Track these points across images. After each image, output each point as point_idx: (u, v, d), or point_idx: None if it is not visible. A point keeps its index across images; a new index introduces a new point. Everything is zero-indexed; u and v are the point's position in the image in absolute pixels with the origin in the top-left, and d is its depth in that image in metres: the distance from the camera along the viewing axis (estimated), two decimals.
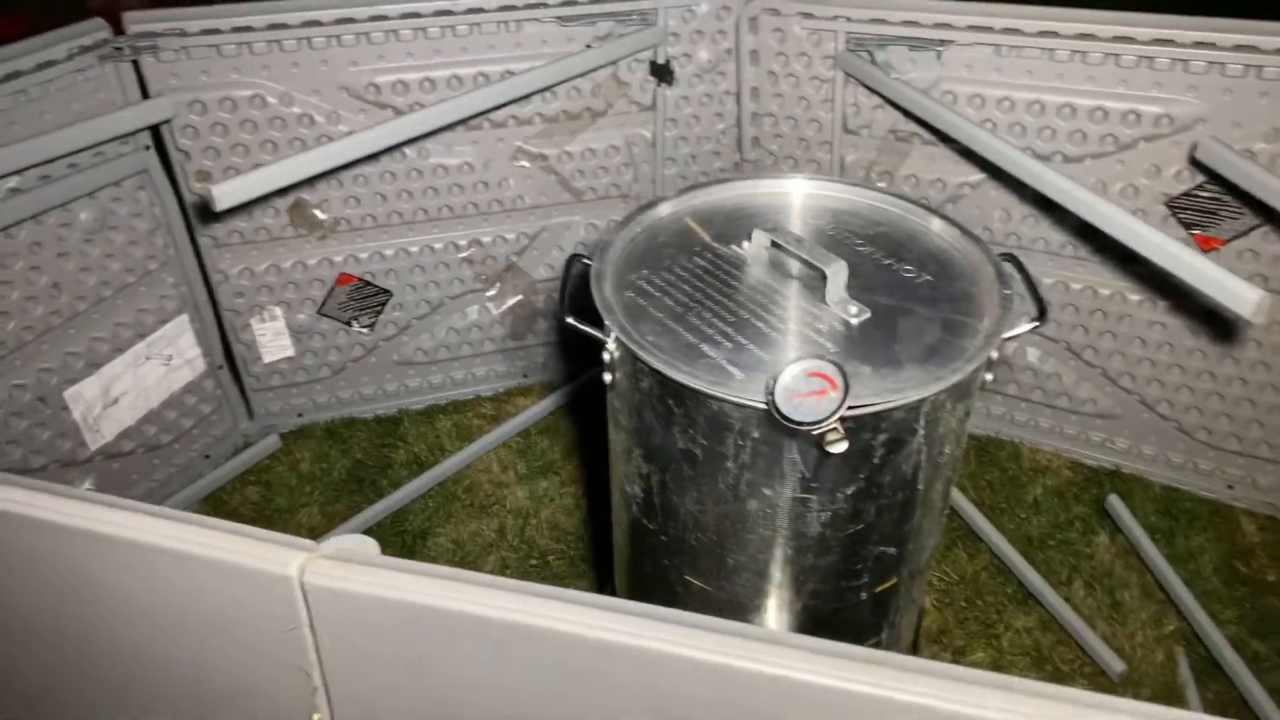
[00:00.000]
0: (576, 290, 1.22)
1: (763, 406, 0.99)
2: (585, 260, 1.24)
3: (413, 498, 2.23)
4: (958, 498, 2.19)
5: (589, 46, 2.17)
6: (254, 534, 0.77)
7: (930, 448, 1.09)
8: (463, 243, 2.35)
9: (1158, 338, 2.10)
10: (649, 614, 0.77)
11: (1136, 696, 1.79)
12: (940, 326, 1.13)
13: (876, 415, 1.03)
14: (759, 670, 0.75)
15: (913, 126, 2.14)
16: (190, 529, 0.76)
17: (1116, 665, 1.81)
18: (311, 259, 2.25)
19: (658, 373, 1.07)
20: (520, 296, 2.44)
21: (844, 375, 0.96)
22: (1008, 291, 1.14)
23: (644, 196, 2.38)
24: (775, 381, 0.96)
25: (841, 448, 0.98)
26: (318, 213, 2.19)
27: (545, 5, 2.11)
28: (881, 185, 2.12)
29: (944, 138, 2.09)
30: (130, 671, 0.87)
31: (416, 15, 2.05)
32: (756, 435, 1.05)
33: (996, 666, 1.86)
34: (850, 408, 0.97)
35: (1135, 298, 2.09)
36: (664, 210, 1.38)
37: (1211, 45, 1.80)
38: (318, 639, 0.79)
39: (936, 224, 1.33)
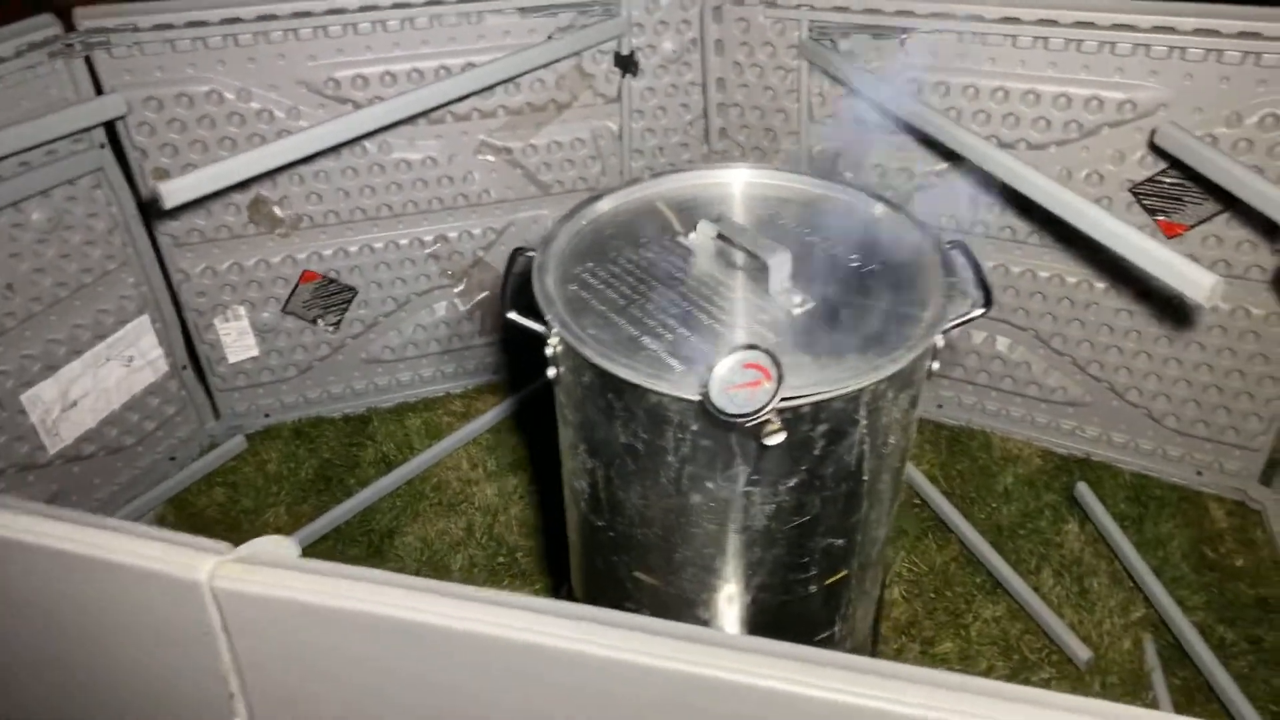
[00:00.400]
0: (521, 285, 1.20)
1: (698, 399, 0.98)
2: (530, 254, 1.23)
3: (380, 496, 2.21)
4: (928, 488, 2.18)
5: (551, 38, 2.15)
6: (162, 537, 0.75)
7: (874, 438, 1.08)
8: (428, 238, 2.33)
9: (1124, 325, 2.10)
10: (573, 614, 0.76)
11: (1103, 684, 1.79)
12: (884, 315, 1.11)
13: (816, 406, 1.01)
14: (688, 671, 0.73)
15: (878, 116, 2.13)
16: (95, 533, 0.74)
17: (1083, 653, 1.81)
18: (274, 257, 2.23)
19: (597, 366, 1.05)
20: (488, 292, 2.42)
21: (778, 366, 0.94)
22: (952, 279, 1.13)
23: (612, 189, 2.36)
24: (710, 373, 0.95)
25: (779, 439, 0.97)
26: (278, 210, 2.16)
27: None
28: (829, 174, 2.11)
29: (909, 126, 2.08)
30: (45, 679, 0.86)
31: (375, 8, 2.03)
32: (695, 428, 1.04)
33: (965, 657, 1.86)
34: (786, 398, 0.96)
35: (1101, 285, 2.08)
36: (611, 202, 1.36)
37: (1171, 30, 1.79)
38: (233, 644, 0.78)
39: (885, 212, 1.31)
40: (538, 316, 1.15)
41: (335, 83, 2.07)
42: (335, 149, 2.09)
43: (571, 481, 1.29)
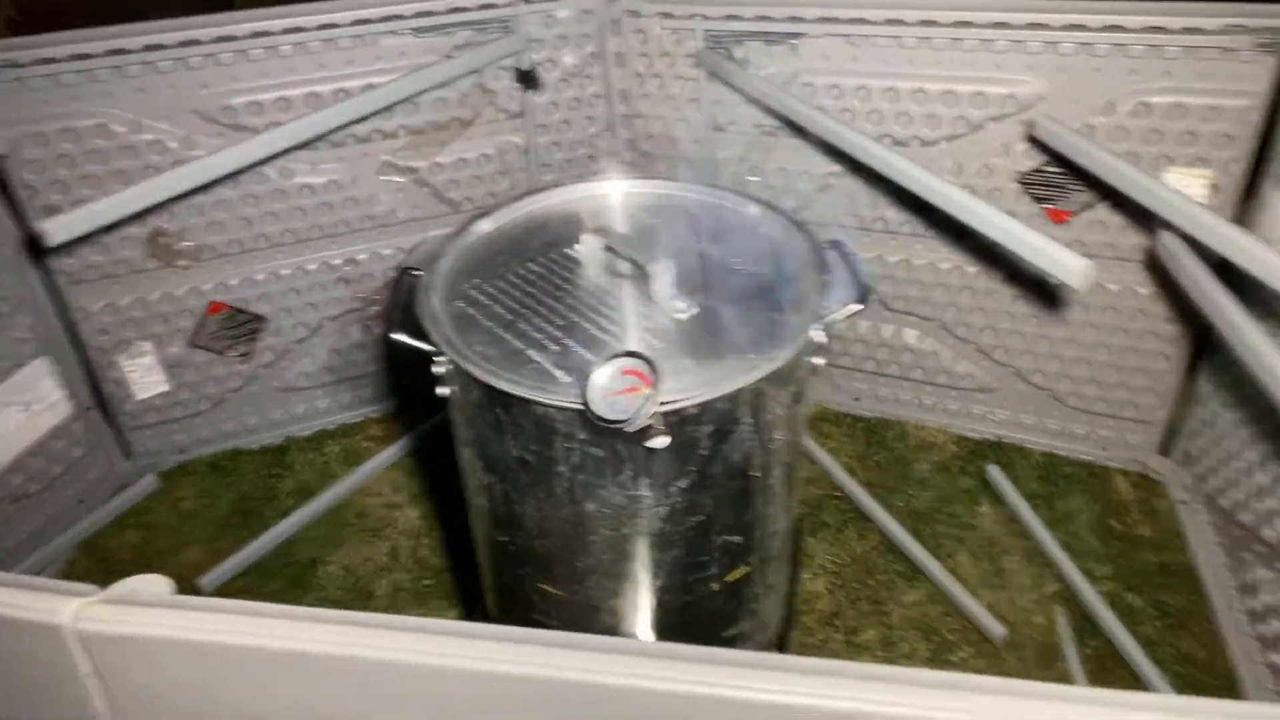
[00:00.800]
0: (410, 304, 1.20)
1: (581, 408, 0.99)
2: (417, 273, 1.23)
3: (301, 527, 2.18)
4: (847, 480, 2.22)
5: (449, 56, 2.15)
6: (25, 583, 0.74)
7: (760, 435, 1.10)
8: (337, 262, 2.30)
9: (1023, 310, 2.17)
10: (443, 631, 0.76)
11: (1019, 659, 1.84)
12: (765, 315, 1.14)
13: (699, 407, 1.03)
14: (572, 679, 0.74)
15: (776, 120, 2.17)
16: None
17: (999, 630, 1.86)
18: (178, 290, 2.18)
19: (484, 383, 1.06)
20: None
21: (655, 371, 0.96)
22: (826, 277, 1.16)
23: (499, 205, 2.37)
24: (589, 382, 0.96)
25: (663, 442, 0.99)
26: (178, 242, 2.12)
27: (400, 17, 2.09)
28: (730, 180, 2.14)
29: (804, 129, 2.12)
30: None
31: (266, 34, 2.01)
32: (583, 437, 1.05)
33: (887, 643, 1.90)
34: (665, 402, 0.98)
35: (999, 274, 2.15)
36: (499, 218, 1.37)
37: (1044, 26, 1.86)
38: (106, 687, 0.76)
39: (767, 215, 1.34)
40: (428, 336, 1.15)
41: (230, 110, 2.04)
42: (234, 176, 2.07)
43: (473, 499, 1.29)
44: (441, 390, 1.19)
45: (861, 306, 1.18)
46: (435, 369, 1.16)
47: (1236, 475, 1.91)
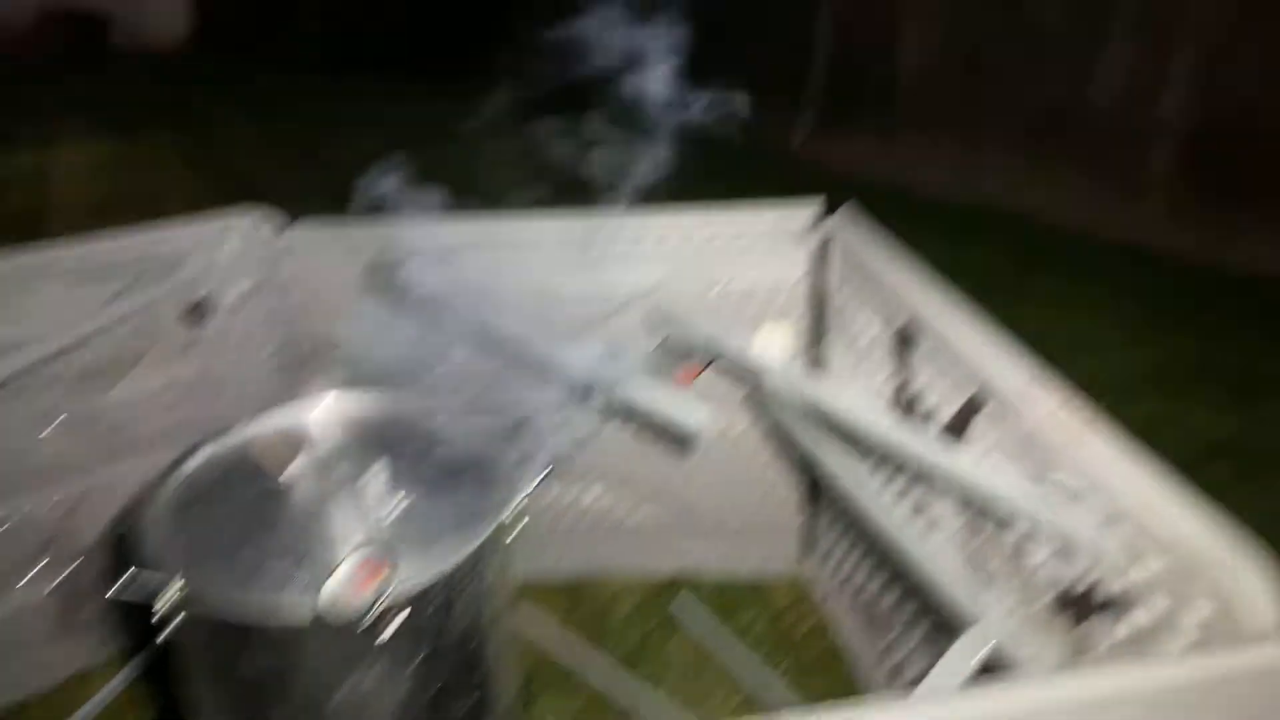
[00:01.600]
0: (121, 555, 1.25)
1: (317, 615, 1.11)
2: (127, 524, 1.28)
3: None
4: (558, 640, 2.42)
5: (117, 295, 2.17)
6: None
7: (482, 599, 1.29)
8: None
9: (675, 461, 2.57)
10: None
11: None
12: (471, 496, 1.35)
13: (426, 587, 1.20)
14: None
15: (444, 328, 2.43)
16: None
17: None
18: None
19: (215, 617, 1.14)
20: (75, 565, 2.25)
21: (385, 563, 1.12)
22: (516, 456, 1.41)
23: (205, 432, 2.38)
24: (322, 592, 1.10)
25: (399, 623, 1.14)
26: None
27: (60, 264, 2.09)
28: (414, 387, 2.36)
29: (475, 332, 2.41)
30: None
31: None
32: (325, 638, 1.16)
33: None
34: (396, 588, 1.14)
35: (650, 432, 2.54)
36: (207, 453, 1.46)
37: (658, 229, 2.35)
38: None
39: (458, 410, 1.58)
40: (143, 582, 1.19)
41: None
42: None
43: None
44: (162, 634, 1.22)
45: (549, 471, 1.43)
46: (154, 613, 1.19)
47: (856, 562, 2.40)
